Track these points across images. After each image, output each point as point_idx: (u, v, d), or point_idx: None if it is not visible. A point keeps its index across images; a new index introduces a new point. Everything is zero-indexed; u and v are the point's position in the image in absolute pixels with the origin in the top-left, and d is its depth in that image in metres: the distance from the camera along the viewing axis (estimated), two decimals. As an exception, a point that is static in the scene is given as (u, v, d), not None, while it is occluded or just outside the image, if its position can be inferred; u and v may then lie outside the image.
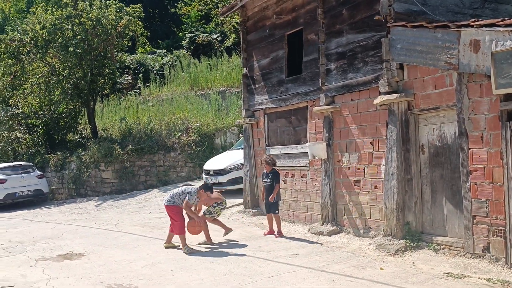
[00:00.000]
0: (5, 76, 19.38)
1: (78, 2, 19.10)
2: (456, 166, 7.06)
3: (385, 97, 7.78)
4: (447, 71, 7.00)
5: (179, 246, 8.34)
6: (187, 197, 8.29)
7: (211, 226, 8.89)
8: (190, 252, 8.04)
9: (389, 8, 7.76)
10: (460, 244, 6.89)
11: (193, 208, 8.55)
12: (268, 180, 9.16)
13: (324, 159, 9.22)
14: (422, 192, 7.67)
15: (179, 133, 17.18)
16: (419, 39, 7.35)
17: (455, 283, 5.93)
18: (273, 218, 9.26)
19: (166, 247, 8.48)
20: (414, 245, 7.40)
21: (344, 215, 8.96)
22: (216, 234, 8.98)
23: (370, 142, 8.40)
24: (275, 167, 9.34)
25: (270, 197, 9.03)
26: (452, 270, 6.37)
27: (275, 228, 9.24)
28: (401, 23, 7.62)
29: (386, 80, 7.79)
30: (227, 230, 9.05)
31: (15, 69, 19.23)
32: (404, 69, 7.75)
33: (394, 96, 7.66)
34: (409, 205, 7.70)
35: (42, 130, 21.02)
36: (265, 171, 9.35)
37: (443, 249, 7.12)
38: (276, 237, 9.03)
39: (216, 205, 8.91)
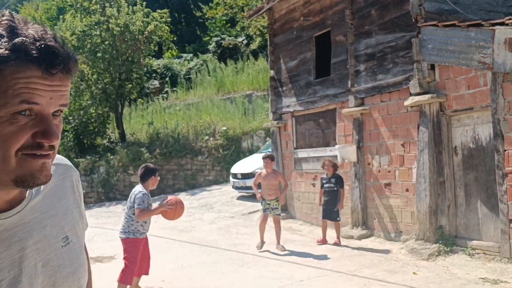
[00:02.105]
0: (37, 82, 19.80)
1: (106, 9, 19.43)
2: (491, 168, 6.86)
3: (416, 98, 7.63)
4: (481, 71, 6.83)
5: None
6: (136, 206, 5.59)
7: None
8: None
9: (420, 7, 7.63)
10: (496, 249, 6.69)
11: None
12: (332, 185, 8.65)
13: (354, 161, 9.10)
14: (456, 195, 7.49)
15: (206, 137, 17.27)
16: (451, 38, 7.19)
17: (492, 289, 5.76)
18: (327, 225, 8.80)
19: None
20: (448, 249, 7.22)
21: (375, 219, 8.82)
22: (246, 237, 8.95)
23: (401, 144, 8.25)
24: (336, 171, 8.87)
25: (340, 204, 8.55)
26: (488, 275, 6.18)
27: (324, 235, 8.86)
28: (432, 23, 7.47)
29: (417, 81, 7.65)
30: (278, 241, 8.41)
31: (46, 75, 19.64)
32: (435, 69, 7.60)
33: (426, 97, 7.50)
34: (442, 208, 7.52)
35: (72, 134, 21.41)
36: (325, 175, 8.89)
37: (478, 253, 6.92)
38: (333, 244, 8.61)
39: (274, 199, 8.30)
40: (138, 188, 5.75)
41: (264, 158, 8.53)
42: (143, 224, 5.78)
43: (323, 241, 8.76)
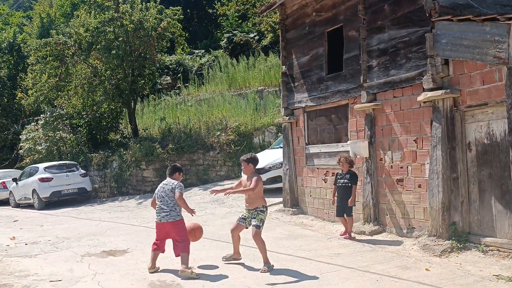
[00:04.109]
0: (51, 78, 20.01)
1: (119, 5, 19.54)
2: (506, 165, 6.78)
3: (430, 93, 7.57)
4: (496, 66, 6.74)
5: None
6: (177, 190, 6.80)
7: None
8: (197, 277, 6.58)
9: (434, 2, 7.54)
10: (511, 246, 6.62)
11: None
12: (346, 180, 8.66)
13: (365, 157, 9.06)
14: (469, 191, 7.42)
15: (218, 133, 17.31)
16: (465, 33, 7.10)
17: (506, 286, 5.71)
18: (346, 219, 8.77)
19: (152, 273, 6.89)
20: (461, 246, 7.16)
21: (387, 215, 8.79)
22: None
23: (414, 140, 8.20)
24: (351, 168, 8.83)
25: (350, 200, 8.54)
26: (502, 272, 6.13)
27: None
28: (446, 17, 7.39)
29: (431, 76, 7.58)
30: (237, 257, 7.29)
31: (60, 71, 19.82)
32: (449, 64, 7.52)
33: (439, 92, 7.44)
34: (455, 204, 7.46)
35: (85, 130, 21.62)
36: (340, 171, 8.91)
37: (492, 250, 6.86)
38: (345, 238, 8.66)
39: (264, 209, 7.07)
40: (172, 180, 7.07)
41: (241, 160, 7.26)
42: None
43: (346, 233, 8.80)
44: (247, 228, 7.16)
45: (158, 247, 7.06)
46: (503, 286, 5.70)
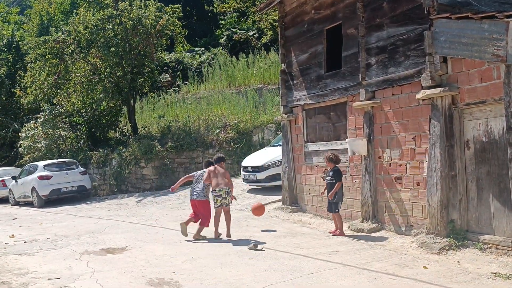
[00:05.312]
0: (50, 76, 19.99)
1: (118, 2, 19.50)
2: (504, 163, 6.79)
3: (428, 91, 7.57)
4: (494, 64, 6.74)
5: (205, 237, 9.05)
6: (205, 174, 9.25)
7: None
8: (204, 239, 8.98)
9: (432, -1, 7.54)
10: (509, 243, 6.63)
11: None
12: (330, 177, 8.81)
13: (364, 155, 9.07)
14: (468, 189, 7.43)
15: (217, 130, 17.30)
16: (464, 31, 7.10)
17: (503, 284, 5.71)
18: (334, 216, 8.89)
19: (196, 239, 9.02)
20: (459, 243, 7.17)
21: (385, 212, 8.79)
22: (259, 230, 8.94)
23: (412, 138, 8.20)
24: (337, 165, 8.93)
25: (329, 194, 8.69)
26: (500, 270, 6.14)
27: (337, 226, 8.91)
28: (445, 15, 7.39)
29: (429, 74, 7.58)
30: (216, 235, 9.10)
31: (59, 69, 19.80)
32: (448, 62, 7.52)
33: (438, 90, 7.44)
34: (453, 202, 7.47)
35: (84, 128, 21.61)
36: (328, 168, 9.07)
37: (490, 248, 6.87)
38: (333, 234, 8.73)
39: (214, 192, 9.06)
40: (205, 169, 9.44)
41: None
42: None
43: (335, 232, 8.86)
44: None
45: (194, 217, 9.26)
46: (501, 284, 5.71)
